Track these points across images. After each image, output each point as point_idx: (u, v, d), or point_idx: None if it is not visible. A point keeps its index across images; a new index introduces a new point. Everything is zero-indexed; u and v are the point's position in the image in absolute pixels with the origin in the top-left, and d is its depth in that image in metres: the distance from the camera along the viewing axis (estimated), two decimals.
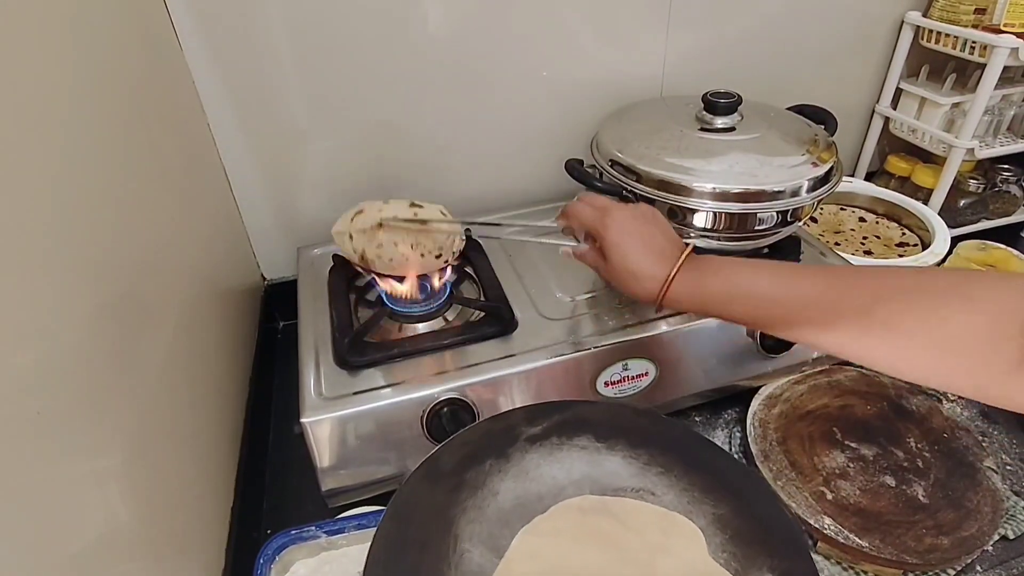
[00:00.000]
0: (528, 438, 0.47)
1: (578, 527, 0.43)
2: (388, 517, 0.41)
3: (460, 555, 0.41)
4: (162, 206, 0.55)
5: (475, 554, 0.41)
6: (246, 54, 0.69)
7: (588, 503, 0.45)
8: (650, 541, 0.42)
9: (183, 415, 0.51)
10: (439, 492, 0.43)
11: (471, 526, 0.43)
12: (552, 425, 0.48)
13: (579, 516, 0.44)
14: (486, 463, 0.46)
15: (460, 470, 0.45)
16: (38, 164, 0.36)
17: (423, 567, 0.40)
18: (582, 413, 0.49)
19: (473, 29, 0.74)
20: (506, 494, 0.45)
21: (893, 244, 0.86)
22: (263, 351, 0.76)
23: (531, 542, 0.42)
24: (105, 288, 0.41)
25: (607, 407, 0.53)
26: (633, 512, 0.44)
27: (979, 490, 0.57)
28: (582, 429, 0.48)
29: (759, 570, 0.40)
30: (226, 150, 0.74)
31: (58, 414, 0.33)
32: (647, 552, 0.42)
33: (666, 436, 0.48)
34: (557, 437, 0.48)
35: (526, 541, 0.42)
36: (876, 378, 0.68)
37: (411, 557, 0.40)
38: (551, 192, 0.86)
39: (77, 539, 0.33)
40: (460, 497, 0.44)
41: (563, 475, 0.47)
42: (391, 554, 0.39)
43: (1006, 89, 0.85)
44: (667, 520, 0.44)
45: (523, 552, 0.42)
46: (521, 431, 0.48)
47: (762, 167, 0.61)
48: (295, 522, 0.51)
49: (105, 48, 0.49)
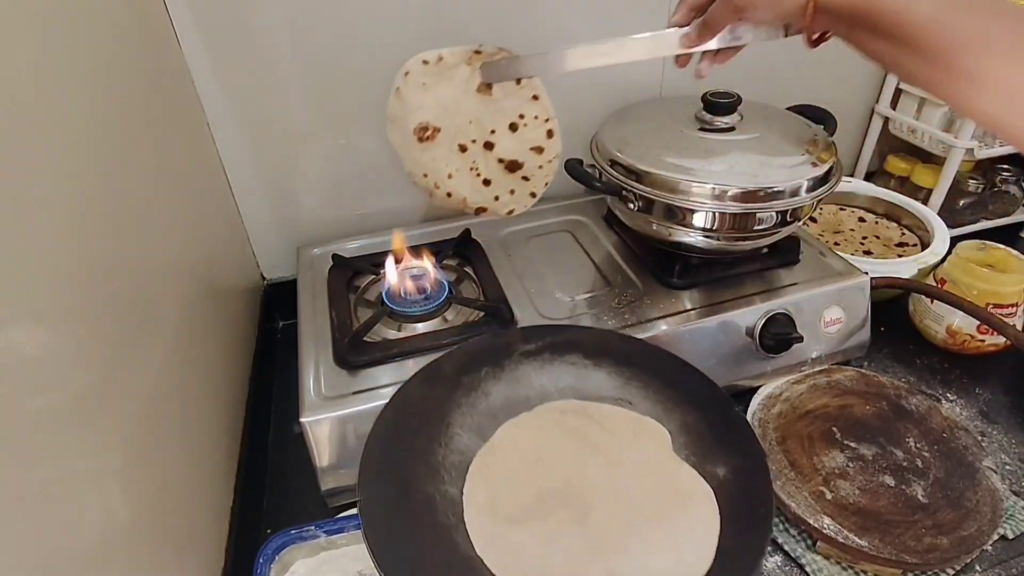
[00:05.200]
0: (522, 353, 0.52)
1: (557, 423, 0.49)
2: (389, 407, 0.46)
3: (451, 437, 0.47)
4: (161, 206, 0.55)
5: (464, 437, 0.47)
6: (246, 54, 0.69)
7: (570, 406, 0.51)
8: (620, 438, 0.48)
9: (183, 415, 0.51)
10: (437, 390, 0.49)
11: (462, 417, 0.48)
12: (545, 344, 0.53)
13: (559, 415, 0.50)
14: (482, 370, 0.51)
15: (457, 374, 0.50)
16: (37, 164, 0.36)
17: (417, 444, 0.45)
18: (574, 336, 0.54)
19: (473, 29, 0.74)
20: (497, 395, 0.50)
21: (892, 244, 0.86)
22: (263, 351, 0.76)
23: (514, 432, 0.49)
24: (105, 288, 0.41)
25: (599, 332, 0.56)
26: (608, 415, 0.50)
27: (978, 490, 0.57)
28: (573, 349, 0.53)
29: (714, 465, 0.45)
30: (226, 150, 0.74)
31: (58, 414, 0.33)
32: (616, 446, 0.47)
33: (650, 358, 0.53)
34: (549, 354, 0.53)
35: (510, 431, 0.49)
36: (875, 378, 0.68)
37: (407, 437, 0.45)
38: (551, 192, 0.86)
39: (77, 539, 0.33)
40: (455, 395, 0.49)
41: (550, 384, 0.52)
42: (389, 434, 0.44)
43: None
44: (638, 423, 0.49)
45: (506, 439, 0.48)
46: (517, 347, 0.53)
47: (762, 167, 0.61)
48: (295, 522, 0.51)
49: (104, 48, 0.49)
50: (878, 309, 0.70)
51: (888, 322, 0.78)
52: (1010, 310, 0.71)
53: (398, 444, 0.44)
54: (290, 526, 0.50)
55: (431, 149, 0.52)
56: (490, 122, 0.53)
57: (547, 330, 0.55)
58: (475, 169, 0.54)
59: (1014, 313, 0.71)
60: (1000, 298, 0.70)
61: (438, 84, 0.51)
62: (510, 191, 0.56)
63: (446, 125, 0.52)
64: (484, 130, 0.53)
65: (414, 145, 0.52)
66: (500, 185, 0.55)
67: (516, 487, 0.44)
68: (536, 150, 0.54)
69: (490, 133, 0.53)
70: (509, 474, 0.45)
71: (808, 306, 0.66)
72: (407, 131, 0.52)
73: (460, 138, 0.53)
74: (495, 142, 0.53)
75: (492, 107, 0.53)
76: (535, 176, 0.56)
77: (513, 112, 0.53)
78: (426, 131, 0.51)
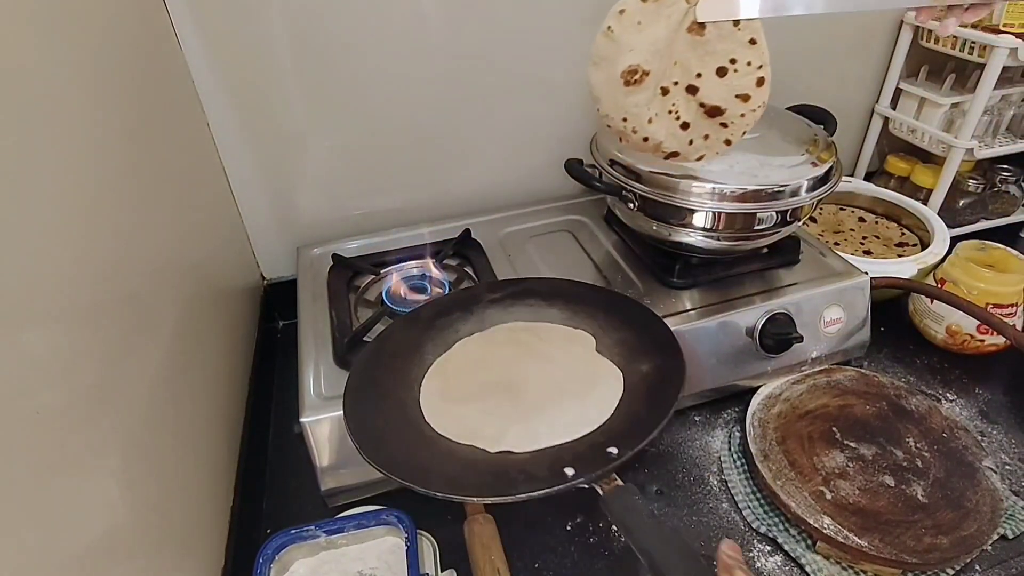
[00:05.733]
0: (489, 300, 0.61)
1: (504, 338, 0.59)
2: (374, 342, 0.57)
3: (422, 358, 0.56)
4: (162, 206, 0.55)
5: (431, 357, 0.57)
6: (246, 54, 0.69)
7: (517, 326, 0.60)
8: (553, 343, 0.57)
9: (183, 415, 0.51)
10: (414, 330, 0.58)
11: (433, 346, 0.57)
12: (508, 292, 0.62)
13: (507, 332, 0.59)
14: (454, 314, 0.60)
15: (432, 318, 0.59)
16: (37, 164, 0.36)
17: (394, 365, 0.55)
18: (532, 285, 0.63)
19: (473, 29, 0.74)
20: (464, 330, 0.59)
21: (892, 244, 0.86)
22: (263, 351, 0.76)
23: (468, 344, 0.58)
24: (104, 288, 0.41)
25: (554, 280, 0.65)
26: (548, 330, 0.59)
27: (978, 490, 0.57)
28: (530, 294, 0.62)
29: (639, 364, 0.53)
30: (226, 150, 0.74)
31: (57, 414, 0.33)
32: (549, 349, 0.56)
33: (596, 295, 0.61)
34: (511, 299, 0.61)
35: (464, 344, 0.58)
36: (875, 378, 0.68)
37: (386, 360, 0.55)
38: (551, 191, 0.86)
39: (77, 539, 0.33)
40: (430, 333, 0.58)
41: (509, 319, 0.61)
42: (372, 359, 0.55)
43: (1005, 89, 0.85)
44: (572, 334, 0.58)
45: (460, 349, 0.58)
46: (484, 296, 0.62)
47: (762, 167, 0.61)
48: (295, 522, 0.51)
49: (104, 48, 0.49)
50: (878, 309, 0.70)
51: (888, 322, 0.78)
52: (1010, 310, 0.71)
53: (378, 365, 0.54)
54: (290, 526, 0.50)
55: (636, 93, 0.51)
56: (697, 64, 0.51)
57: (510, 282, 0.64)
58: (674, 112, 0.52)
59: (1014, 313, 0.71)
60: (1000, 298, 0.70)
61: (654, 23, 0.48)
62: (704, 136, 0.54)
63: (655, 68, 0.50)
64: (689, 72, 0.51)
65: (619, 88, 0.50)
66: (697, 129, 0.54)
67: (464, 380, 0.54)
68: (742, 97, 0.52)
69: (695, 76, 0.51)
70: (459, 372, 0.55)
71: (808, 306, 0.66)
72: (614, 73, 0.50)
73: (664, 80, 0.51)
74: (699, 86, 0.51)
75: (701, 49, 0.50)
76: (734, 124, 0.53)
77: (724, 55, 0.50)
78: (635, 74, 0.49)
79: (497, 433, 0.47)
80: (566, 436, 0.47)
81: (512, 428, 0.47)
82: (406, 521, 0.50)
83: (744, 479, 0.61)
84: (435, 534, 0.55)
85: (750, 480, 0.61)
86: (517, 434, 0.47)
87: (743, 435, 0.63)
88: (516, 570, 0.53)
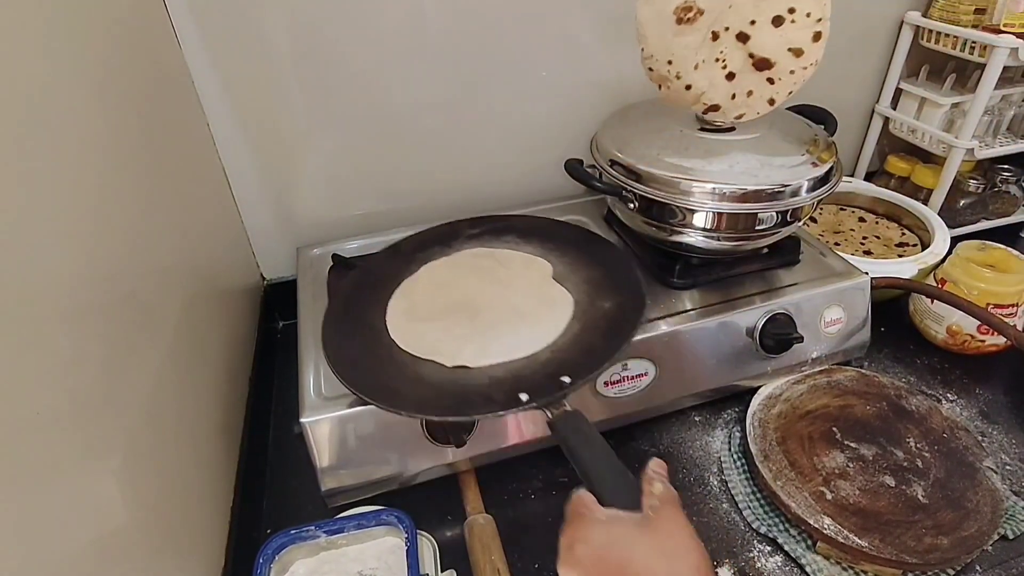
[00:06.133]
0: (468, 235, 0.64)
1: (468, 262, 0.62)
2: (356, 271, 0.62)
3: (398, 283, 0.60)
4: (162, 206, 0.55)
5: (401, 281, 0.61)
6: (246, 54, 0.69)
7: (480, 251, 0.63)
8: (513, 270, 0.60)
9: (183, 415, 0.51)
10: (395, 261, 0.62)
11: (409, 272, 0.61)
12: (487, 228, 0.65)
13: (471, 258, 0.62)
14: (433, 248, 0.63)
15: (412, 251, 0.63)
16: (37, 165, 0.36)
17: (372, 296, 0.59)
18: (513, 222, 0.65)
19: (473, 29, 0.74)
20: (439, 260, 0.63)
21: (893, 244, 0.86)
22: (263, 351, 0.76)
23: (433, 268, 0.62)
24: (105, 288, 0.41)
25: (533, 218, 0.67)
26: (508, 255, 0.62)
27: (979, 490, 0.57)
28: (509, 231, 0.64)
29: (603, 301, 0.55)
30: (226, 150, 0.74)
31: (57, 414, 0.33)
32: (509, 275, 0.59)
33: (571, 233, 0.64)
34: (489, 236, 0.64)
35: (430, 268, 0.62)
36: (876, 378, 0.68)
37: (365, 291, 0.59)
38: (551, 192, 0.86)
39: (77, 539, 0.33)
40: (408, 264, 0.62)
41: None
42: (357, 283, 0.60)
43: (1006, 89, 0.85)
44: (530, 260, 0.61)
45: (426, 272, 0.62)
46: (464, 231, 0.64)
47: (762, 167, 0.61)
48: (295, 522, 0.51)
49: (104, 48, 0.49)
50: (878, 309, 0.70)
51: (888, 322, 0.78)
52: (1010, 310, 0.71)
53: (355, 294, 0.59)
54: (290, 526, 0.50)
55: (686, 34, 0.49)
56: (752, 11, 0.49)
57: (489, 219, 0.66)
58: (721, 59, 0.50)
59: (1014, 313, 0.71)
60: (1000, 298, 0.70)
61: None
62: (748, 92, 0.52)
63: (710, 7, 0.48)
64: (743, 19, 0.49)
65: (669, 26, 0.48)
66: (741, 82, 0.51)
67: (427, 301, 0.58)
68: (795, 52, 0.50)
69: (749, 23, 0.49)
70: (423, 293, 0.59)
71: (808, 306, 0.66)
72: (666, 9, 0.48)
73: (716, 24, 0.49)
74: (751, 34, 0.49)
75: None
76: (782, 80, 0.51)
77: (783, 3, 0.48)
78: (689, 11, 0.48)
79: (455, 349, 0.51)
80: (517, 354, 0.50)
81: (468, 345, 0.51)
82: (406, 521, 0.50)
83: (744, 479, 0.61)
84: (435, 534, 0.55)
85: (750, 480, 0.61)
86: (472, 351, 0.51)
87: (743, 435, 0.63)
88: (516, 570, 0.53)
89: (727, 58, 0.50)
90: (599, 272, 0.58)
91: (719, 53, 0.50)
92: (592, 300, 0.55)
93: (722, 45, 0.49)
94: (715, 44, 0.49)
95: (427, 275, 0.60)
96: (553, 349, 0.50)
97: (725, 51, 0.50)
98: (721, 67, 0.50)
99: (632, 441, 0.66)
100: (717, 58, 0.50)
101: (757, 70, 0.51)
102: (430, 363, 0.51)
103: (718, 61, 0.50)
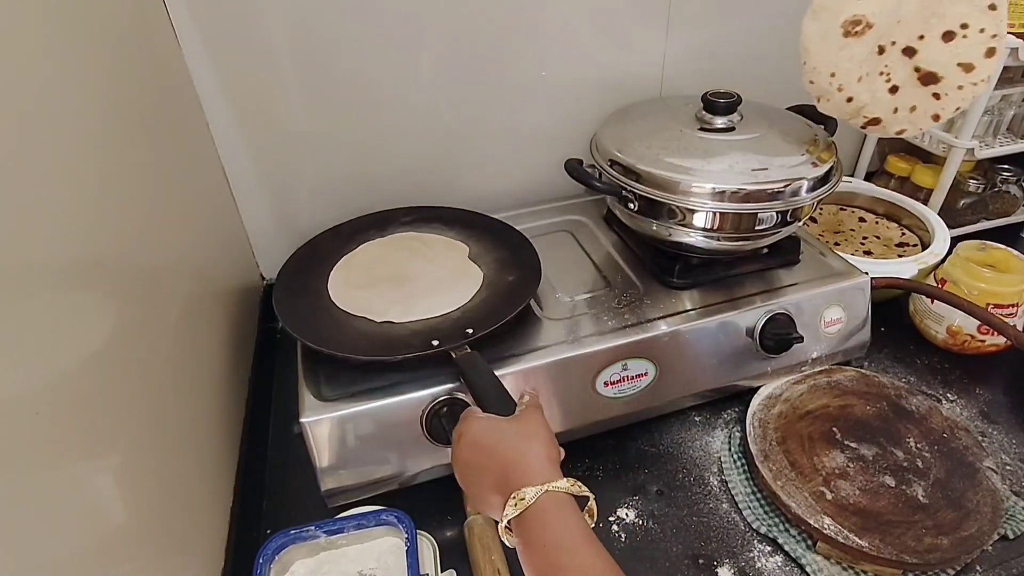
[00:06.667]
0: (401, 222, 0.75)
1: (398, 242, 0.72)
2: (302, 248, 0.71)
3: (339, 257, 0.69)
4: (162, 207, 0.55)
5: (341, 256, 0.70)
6: (246, 55, 0.69)
7: (409, 234, 0.74)
8: (436, 250, 0.71)
9: (183, 415, 0.51)
10: (337, 241, 0.72)
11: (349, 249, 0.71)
12: (417, 217, 0.76)
13: (402, 240, 0.73)
14: (371, 231, 0.73)
15: (352, 234, 0.73)
16: (37, 164, 0.36)
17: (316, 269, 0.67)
18: (439, 213, 0.76)
19: (472, 30, 0.74)
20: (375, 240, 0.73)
21: (893, 244, 0.86)
22: (263, 351, 0.76)
23: (369, 247, 0.72)
24: (104, 288, 0.41)
25: (456, 211, 0.77)
26: (433, 239, 0.73)
27: (979, 490, 0.57)
28: (437, 220, 0.75)
29: (508, 275, 0.66)
30: (226, 150, 0.74)
31: (57, 414, 0.33)
32: (432, 254, 0.70)
33: (490, 224, 0.74)
34: (420, 223, 0.75)
35: (367, 246, 0.72)
36: (876, 378, 0.68)
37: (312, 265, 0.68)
38: (551, 192, 0.86)
39: (77, 539, 0.33)
40: (348, 244, 0.71)
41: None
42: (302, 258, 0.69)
43: (1006, 89, 0.85)
44: (452, 244, 0.72)
45: (362, 250, 0.71)
46: (398, 219, 0.75)
47: (762, 167, 0.61)
48: (295, 522, 0.51)
49: (104, 48, 0.49)
50: (878, 309, 0.70)
51: (888, 322, 0.78)
52: (1010, 310, 0.71)
53: (306, 268, 0.68)
54: (290, 526, 0.50)
55: (851, 47, 0.49)
56: (922, 26, 0.48)
57: (419, 209, 0.77)
58: (885, 73, 0.50)
59: (1014, 313, 0.71)
60: (1000, 298, 0.70)
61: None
62: (911, 107, 0.52)
63: (880, 23, 0.48)
64: (911, 33, 0.48)
65: (835, 39, 0.49)
66: (905, 96, 0.51)
67: (363, 272, 0.67)
68: (964, 67, 0.49)
69: (918, 38, 0.49)
70: (360, 266, 0.68)
71: (808, 306, 0.66)
72: (834, 23, 0.48)
73: (883, 39, 0.49)
74: (919, 48, 0.49)
75: (931, 9, 0.48)
76: (948, 96, 0.51)
77: (956, 19, 0.48)
78: (858, 25, 0.48)
79: (383, 309, 0.61)
80: (434, 312, 0.61)
81: (395, 307, 0.62)
82: (406, 521, 0.50)
83: (744, 479, 0.61)
84: (435, 534, 0.55)
85: (750, 480, 0.61)
86: (398, 311, 0.61)
87: (743, 435, 0.63)
88: (516, 570, 0.53)
89: (891, 71, 0.50)
90: (507, 252, 0.69)
91: (883, 67, 0.50)
92: (499, 274, 0.67)
93: (887, 59, 0.50)
94: (880, 58, 0.50)
95: (364, 252, 0.71)
96: (463, 310, 0.62)
97: (890, 64, 0.50)
98: (885, 80, 0.50)
99: (632, 441, 0.66)
100: (881, 71, 0.50)
101: (923, 84, 0.50)
102: (362, 319, 0.61)
103: (882, 75, 0.50)
